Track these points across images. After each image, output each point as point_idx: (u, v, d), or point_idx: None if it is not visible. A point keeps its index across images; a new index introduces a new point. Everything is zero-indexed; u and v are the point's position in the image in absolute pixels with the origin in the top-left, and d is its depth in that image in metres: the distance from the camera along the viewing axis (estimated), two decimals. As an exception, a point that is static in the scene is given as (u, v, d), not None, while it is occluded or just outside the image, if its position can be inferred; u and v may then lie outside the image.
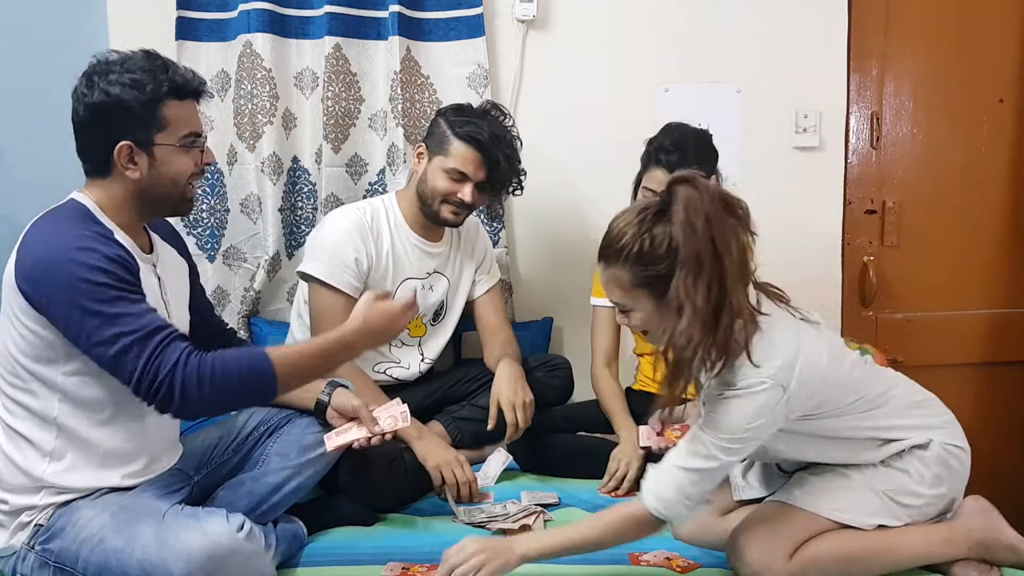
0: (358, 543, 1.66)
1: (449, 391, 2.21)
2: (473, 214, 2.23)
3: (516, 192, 2.13)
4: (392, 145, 2.43)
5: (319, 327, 1.98)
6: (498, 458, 2.03)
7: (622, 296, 1.43)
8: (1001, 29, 2.58)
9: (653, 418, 1.75)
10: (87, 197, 1.47)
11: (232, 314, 2.49)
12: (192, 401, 1.34)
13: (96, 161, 1.46)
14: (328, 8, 2.37)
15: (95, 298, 1.33)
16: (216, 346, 1.50)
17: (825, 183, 2.59)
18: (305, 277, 2.05)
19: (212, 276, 2.50)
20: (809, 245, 2.57)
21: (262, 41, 2.37)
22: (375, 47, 2.46)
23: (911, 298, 2.65)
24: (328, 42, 2.39)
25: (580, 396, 2.25)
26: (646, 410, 1.94)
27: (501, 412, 1.97)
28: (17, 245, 1.41)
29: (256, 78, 2.39)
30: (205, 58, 2.43)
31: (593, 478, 1.98)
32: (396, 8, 2.36)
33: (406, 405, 1.70)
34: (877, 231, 2.63)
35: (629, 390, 2.20)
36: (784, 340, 1.41)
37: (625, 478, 1.93)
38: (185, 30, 2.43)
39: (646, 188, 2.03)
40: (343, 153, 2.47)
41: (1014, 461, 2.67)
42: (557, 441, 2.08)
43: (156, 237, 1.60)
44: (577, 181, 2.55)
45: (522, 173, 2.10)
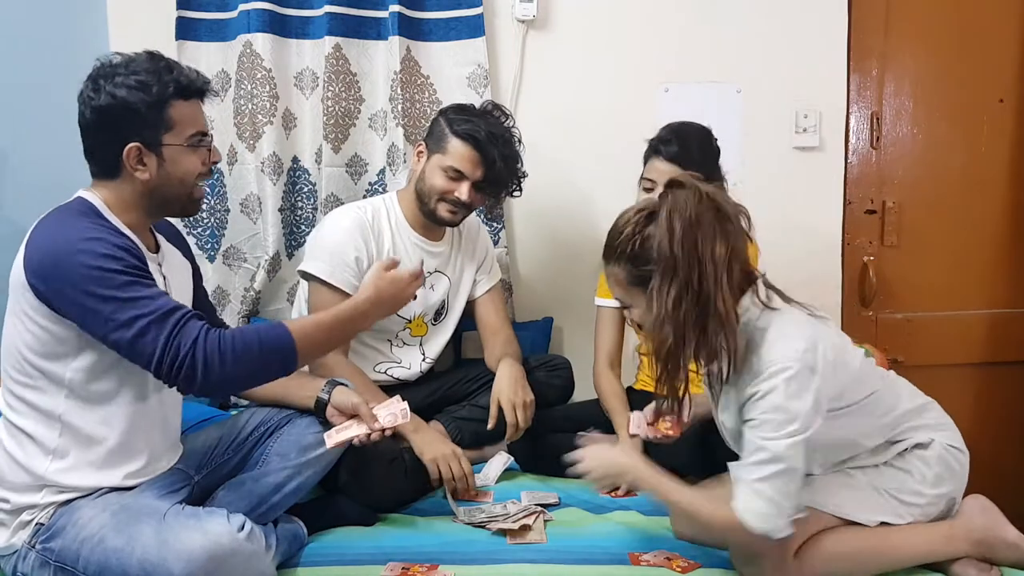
0: (358, 543, 1.66)
1: (449, 391, 2.21)
2: (475, 214, 2.24)
3: (515, 193, 2.13)
4: (392, 145, 2.43)
5: None
6: (498, 458, 2.04)
7: (621, 293, 1.49)
8: (1001, 29, 2.58)
9: (648, 408, 1.76)
10: (94, 196, 1.48)
11: (232, 314, 2.49)
12: (214, 376, 1.34)
13: (104, 163, 1.47)
14: (328, 8, 2.37)
15: (108, 284, 1.33)
16: None
17: (825, 183, 2.59)
18: (306, 276, 2.05)
19: (212, 276, 2.50)
20: (809, 245, 2.57)
21: (262, 41, 2.38)
22: (375, 47, 2.46)
23: (911, 298, 2.65)
24: (328, 42, 2.39)
25: (580, 396, 2.25)
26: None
27: (501, 412, 1.97)
28: (24, 242, 1.42)
29: (256, 78, 2.39)
30: (205, 58, 2.43)
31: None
32: (396, 8, 2.37)
33: (406, 403, 1.71)
34: (877, 231, 2.63)
35: (630, 389, 2.20)
36: (800, 327, 1.44)
37: None
38: (185, 30, 2.44)
39: (645, 178, 2.03)
40: (343, 153, 2.47)
41: (1014, 461, 2.67)
42: (557, 441, 2.07)
43: (161, 238, 1.61)
44: (577, 181, 2.55)
45: (521, 174, 2.09)
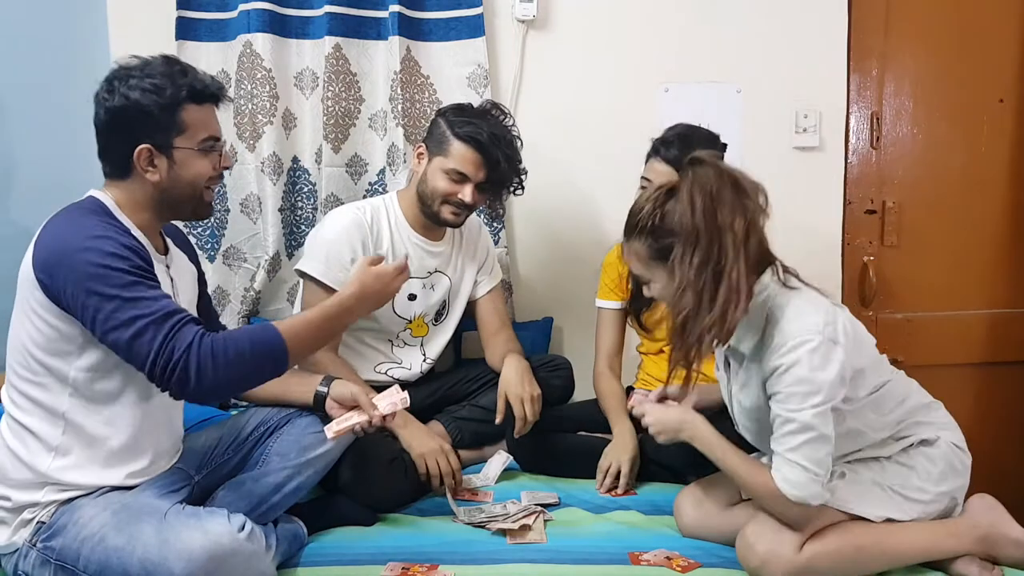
0: (358, 543, 1.66)
1: (449, 391, 2.21)
2: (475, 214, 2.23)
3: (517, 192, 2.13)
4: (392, 145, 2.43)
5: None
6: (498, 458, 2.03)
7: (640, 268, 1.54)
8: (1001, 29, 2.58)
9: (655, 391, 1.78)
10: (106, 195, 1.49)
11: (232, 314, 2.49)
12: (207, 381, 1.34)
13: (116, 164, 1.49)
14: (328, 8, 2.37)
15: (111, 283, 1.34)
16: None
17: (825, 183, 2.59)
18: (302, 275, 2.05)
19: (212, 276, 2.50)
20: (809, 245, 2.57)
21: (262, 41, 2.38)
22: (375, 47, 2.46)
23: (911, 298, 2.65)
24: (328, 42, 2.39)
25: (580, 396, 2.25)
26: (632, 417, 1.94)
27: (509, 407, 1.97)
28: (34, 239, 1.43)
29: (256, 78, 2.39)
30: (205, 58, 2.43)
31: (593, 478, 1.97)
32: (396, 8, 2.37)
33: (406, 392, 1.70)
34: (877, 231, 2.63)
35: (631, 389, 2.20)
36: (818, 304, 1.49)
37: (619, 475, 1.93)
38: (185, 30, 2.44)
39: (643, 177, 2.04)
40: (343, 153, 2.48)
41: (1014, 461, 2.67)
42: (557, 441, 2.08)
43: (169, 241, 1.62)
44: (577, 181, 2.55)
45: (523, 172, 2.09)
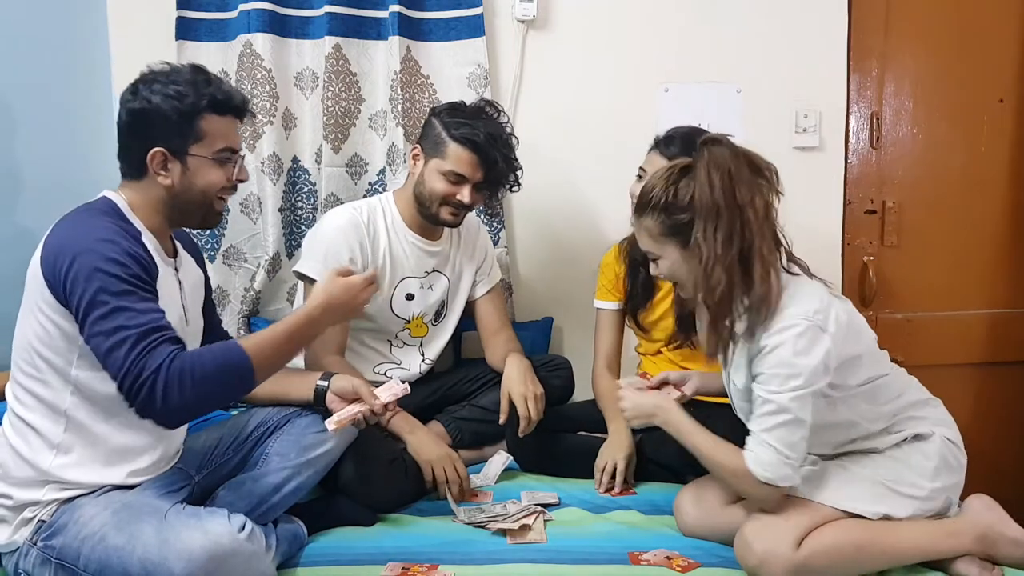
0: (358, 543, 1.66)
1: (449, 391, 2.21)
2: (474, 214, 2.23)
3: (514, 189, 2.13)
4: (392, 145, 2.43)
5: None
6: (498, 458, 2.03)
7: (651, 244, 1.57)
8: (1001, 29, 2.58)
9: (658, 376, 1.81)
10: (119, 196, 1.51)
11: (232, 314, 2.49)
12: (173, 403, 1.32)
13: (132, 164, 1.51)
14: (328, 8, 2.37)
15: (105, 289, 1.34)
16: None
17: (825, 183, 2.59)
18: (300, 276, 2.05)
19: (212, 276, 2.46)
20: (809, 245, 2.52)
21: (262, 41, 2.38)
22: (375, 47, 2.46)
23: (911, 298, 2.65)
24: (328, 42, 2.39)
25: (580, 396, 2.25)
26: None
27: (512, 406, 1.97)
28: (45, 237, 1.44)
29: (256, 78, 2.39)
30: (205, 58, 2.42)
31: (593, 478, 1.98)
32: (396, 8, 2.37)
33: (406, 383, 1.70)
34: (877, 231, 2.63)
35: (630, 389, 2.20)
36: (814, 290, 1.52)
37: (616, 474, 1.93)
38: (185, 30, 2.44)
39: (640, 168, 2.05)
40: (343, 153, 2.47)
41: (1014, 461, 2.67)
42: (557, 441, 2.08)
43: (178, 244, 1.63)
44: (577, 181, 2.55)
45: (519, 169, 2.09)
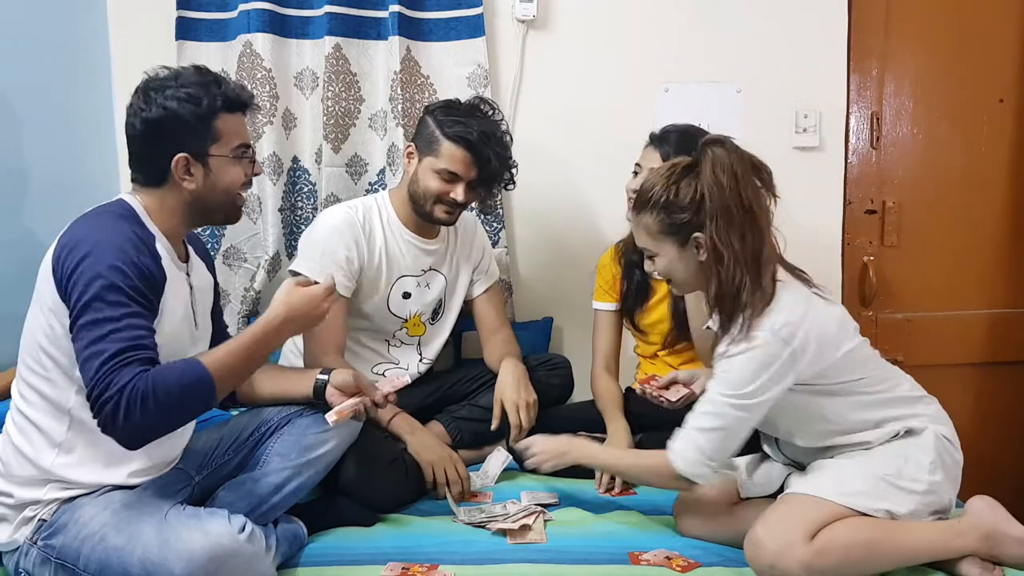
0: (358, 543, 1.66)
1: (449, 391, 2.21)
2: (472, 212, 2.23)
3: (508, 187, 2.12)
4: (392, 145, 2.43)
5: None
6: (498, 458, 2.03)
7: (649, 242, 1.58)
8: (1001, 29, 2.58)
9: (667, 376, 1.83)
10: (135, 200, 1.51)
11: (232, 314, 2.49)
12: (134, 422, 1.30)
13: (152, 172, 1.50)
14: (328, 8, 2.37)
15: (101, 296, 1.34)
16: None
17: (825, 183, 2.59)
18: (296, 275, 2.05)
19: (212, 276, 2.50)
20: (809, 245, 2.55)
21: (262, 41, 2.38)
22: (375, 47, 2.46)
23: (911, 298, 2.65)
24: (328, 42, 2.39)
25: (580, 396, 2.25)
26: (645, 410, 1.95)
27: (504, 412, 1.97)
28: (60, 234, 1.44)
29: (256, 78, 2.39)
30: (205, 58, 2.42)
31: (593, 478, 1.97)
32: (396, 8, 2.37)
33: (407, 375, 1.70)
34: (877, 231, 2.63)
35: (629, 390, 2.20)
36: (793, 301, 1.51)
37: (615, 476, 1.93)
38: (185, 30, 2.44)
39: (636, 164, 2.06)
40: (343, 153, 2.47)
41: (1014, 461, 2.67)
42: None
43: (190, 249, 1.63)
44: (577, 181, 2.55)
45: (514, 167, 2.08)
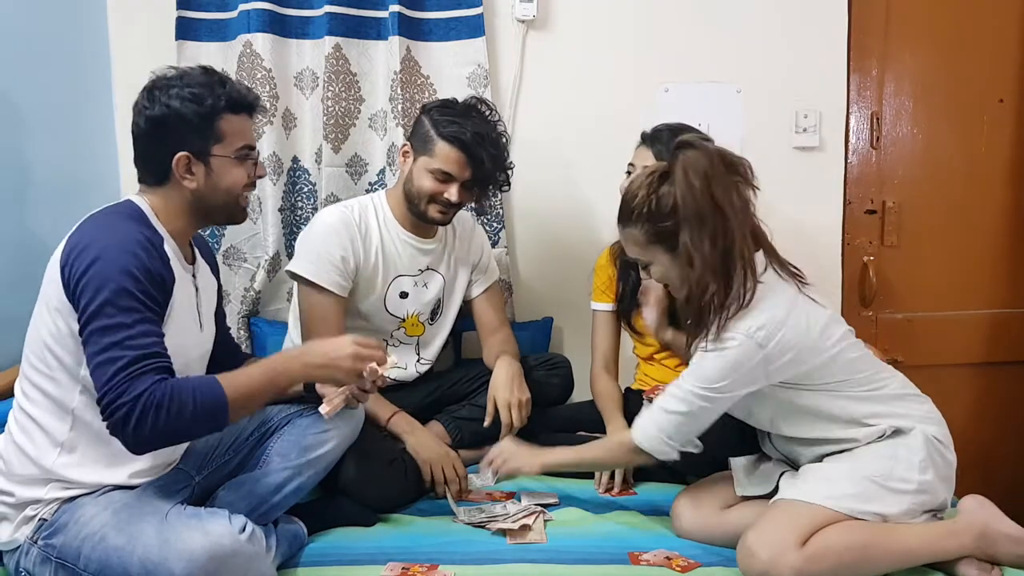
0: (358, 543, 1.66)
1: (448, 391, 2.21)
2: (469, 212, 2.23)
3: (504, 188, 2.12)
4: (392, 145, 2.43)
5: (307, 325, 2.00)
6: (497, 456, 2.04)
7: (639, 252, 1.59)
8: (1001, 29, 2.58)
9: (667, 386, 1.81)
10: (143, 201, 1.51)
11: (232, 314, 2.49)
12: (143, 433, 1.31)
13: (154, 171, 1.51)
14: (328, 8, 2.37)
15: (113, 302, 1.34)
16: (229, 367, 1.49)
17: (825, 183, 2.59)
18: (293, 276, 2.05)
19: (212, 276, 2.50)
20: (809, 245, 2.57)
21: (262, 41, 2.38)
22: (375, 47, 2.46)
23: (911, 298, 2.65)
24: (328, 42, 2.39)
25: (580, 396, 2.25)
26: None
27: (497, 410, 1.98)
28: (68, 234, 1.44)
29: (256, 78, 2.39)
30: (205, 58, 2.42)
31: (593, 478, 1.98)
32: (396, 8, 2.36)
33: (394, 357, 1.67)
34: (877, 231, 2.63)
35: (628, 390, 2.20)
36: (773, 304, 1.52)
37: (615, 474, 1.94)
38: (185, 30, 2.44)
39: (630, 164, 2.07)
40: (343, 153, 2.47)
41: (1014, 461, 2.67)
42: (557, 441, 2.08)
43: (197, 251, 1.63)
44: (577, 181, 2.55)
45: (509, 168, 2.08)
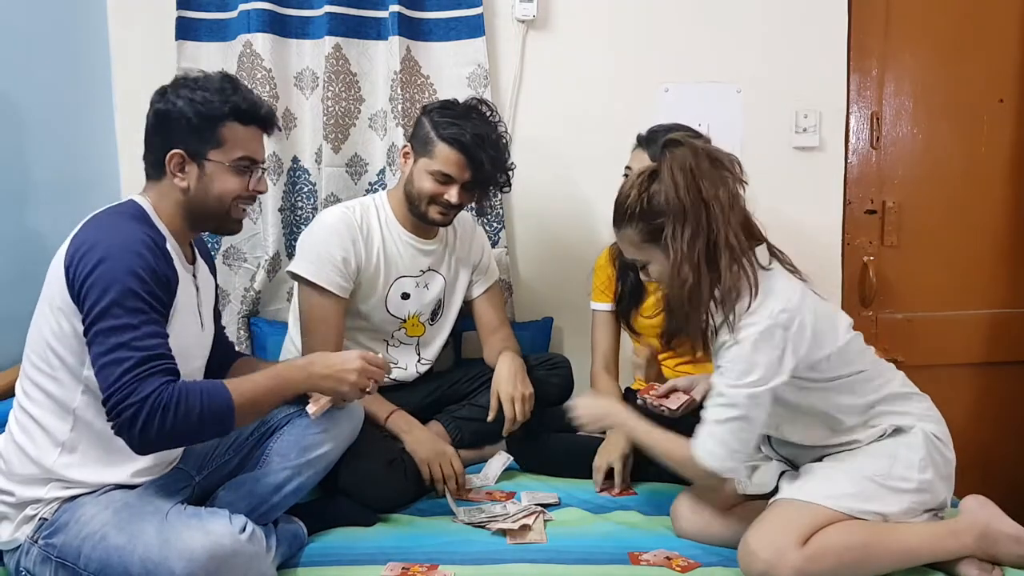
0: (358, 543, 1.66)
1: (449, 391, 2.21)
2: (470, 213, 2.23)
3: (504, 189, 2.12)
4: (392, 145, 2.43)
5: (307, 325, 2.00)
6: (498, 458, 2.04)
7: (636, 253, 1.59)
8: (1001, 29, 2.58)
9: (666, 385, 1.85)
10: (145, 200, 1.54)
11: (232, 314, 2.49)
12: (150, 435, 1.33)
13: (152, 164, 1.55)
14: (328, 8, 2.37)
15: (119, 303, 1.35)
16: (224, 364, 1.49)
17: (825, 183, 2.59)
18: (294, 276, 2.05)
19: (212, 276, 2.50)
20: (809, 245, 2.57)
21: (262, 41, 2.38)
22: (375, 47, 2.46)
23: (911, 298, 2.65)
24: (328, 42, 2.39)
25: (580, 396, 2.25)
26: (644, 412, 1.95)
27: (501, 405, 1.98)
28: (72, 234, 1.45)
29: (256, 78, 2.39)
30: (205, 58, 2.43)
31: (591, 478, 1.98)
32: (396, 8, 2.37)
33: (380, 354, 1.68)
34: (877, 231, 2.63)
35: (628, 390, 2.20)
36: (786, 288, 1.54)
37: (614, 475, 1.94)
38: (185, 30, 2.44)
39: (627, 167, 2.08)
40: (343, 153, 2.47)
41: (1014, 461, 2.67)
42: (557, 441, 2.08)
43: (197, 251, 1.65)
44: (577, 181, 2.55)
45: (510, 169, 2.08)
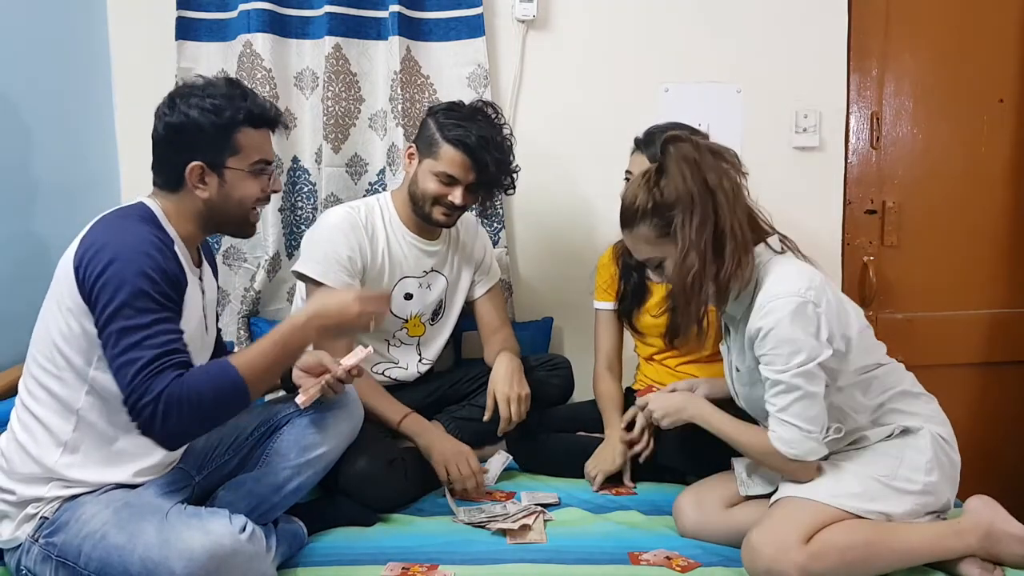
0: (358, 543, 1.67)
1: (449, 391, 2.21)
2: (472, 213, 2.23)
3: (509, 191, 2.12)
4: (392, 145, 2.43)
5: None
6: (498, 458, 2.04)
7: (651, 251, 1.59)
8: (1001, 29, 2.58)
9: (667, 388, 1.86)
10: (155, 203, 1.53)
11: (232, 314, 2.49)
12: (173, 428, 1.34)
13: (168, 177, 1.53)
14: (328, 8, 2.37)
15: (131, 303, 1.35)
16: None
17: (825, 183, 2.59)
18: (300, 276, 2.05)
19: (212, 276, 2.50)
20: (809, 245, 2.53)
21: (262, 41, 2.38)
22: (375, 47, 2.46)
23: (911, 298, 2.65)
24: (328, 42, 2.39)
25: (580, 396, 2.25)
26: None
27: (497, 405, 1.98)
28: (81, 234, 1.45)
29: (256, 78, 2.39)
30: (205, 58, 2.43)
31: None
32: (396, 8, 2.37)
33: (370, 347, 1.68)
34: (877, 231, 2.63)
35: (629, 390, 2.20)
36: (804, 269, 1.57)
37: (612, 476, 1.95)
38: (185, 30, 2.44)
39: (627, 171, 2.08)
40: (343, 153, 2.47)
41: (1014, 461, 2.67)
42: (557, 441, 2.08)
43: (202, 255, 1.64)
44: (577, 181, 2.55)
45: (515, 171, 2.08)
